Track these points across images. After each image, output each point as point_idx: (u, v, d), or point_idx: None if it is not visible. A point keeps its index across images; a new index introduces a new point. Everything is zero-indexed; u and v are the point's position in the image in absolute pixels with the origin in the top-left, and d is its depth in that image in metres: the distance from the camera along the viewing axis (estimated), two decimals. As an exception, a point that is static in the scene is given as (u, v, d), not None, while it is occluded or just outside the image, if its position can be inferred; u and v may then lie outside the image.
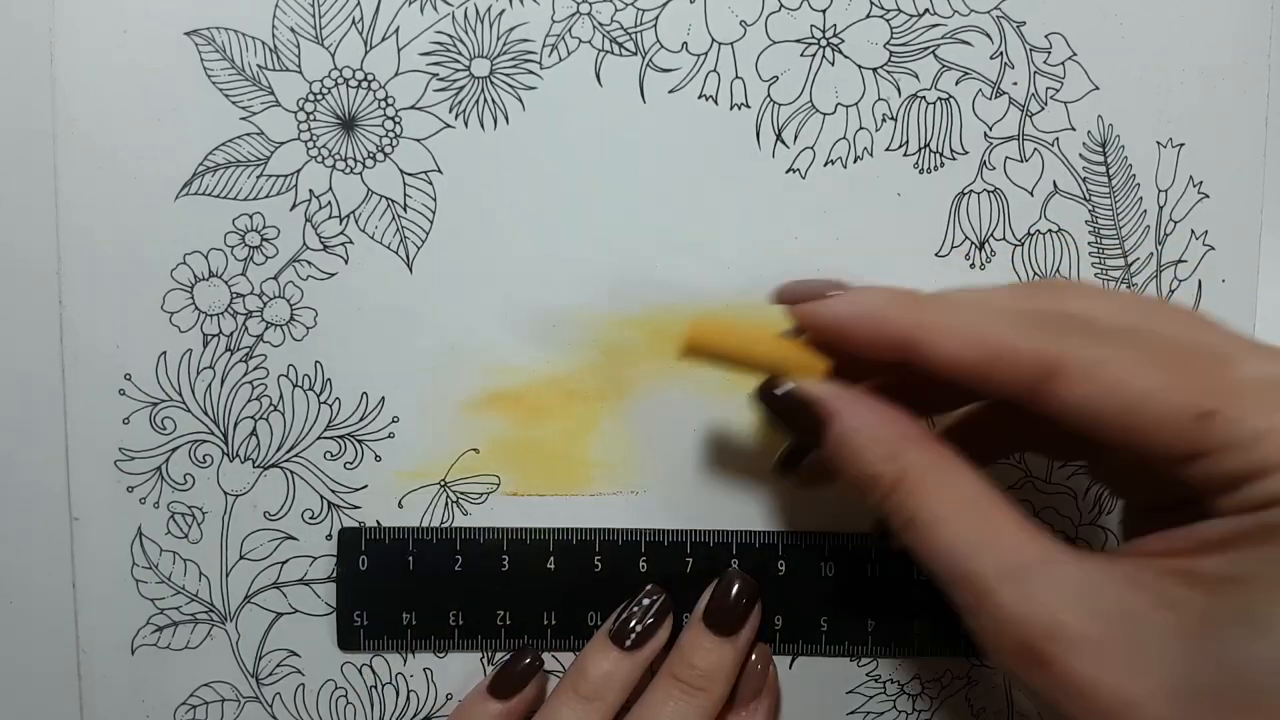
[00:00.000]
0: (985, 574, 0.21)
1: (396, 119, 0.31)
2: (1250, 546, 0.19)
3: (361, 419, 0.31)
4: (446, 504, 0.31)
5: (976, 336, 0.22)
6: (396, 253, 0.31)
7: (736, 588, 0.30)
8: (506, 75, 0.31)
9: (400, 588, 0.31)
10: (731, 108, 0.31)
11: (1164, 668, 0.19)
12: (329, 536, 0.31)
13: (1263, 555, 0.19)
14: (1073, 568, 0.20)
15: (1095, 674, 0.19)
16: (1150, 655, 0.19)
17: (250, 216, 0.31)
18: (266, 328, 0.31)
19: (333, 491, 0.31)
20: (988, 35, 0.31)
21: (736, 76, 0.31)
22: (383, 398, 0.31)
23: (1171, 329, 0.21)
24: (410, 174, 0.31)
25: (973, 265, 0.31)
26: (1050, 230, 0.31)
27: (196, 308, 0.31)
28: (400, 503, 0.31)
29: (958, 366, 0.22)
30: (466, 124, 0.31)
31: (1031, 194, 0.31)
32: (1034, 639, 0.20)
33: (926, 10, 0.31)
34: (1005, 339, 0.22)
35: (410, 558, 0.31)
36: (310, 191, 0.31)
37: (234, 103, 0.30)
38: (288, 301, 0.31)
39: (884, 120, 0.31)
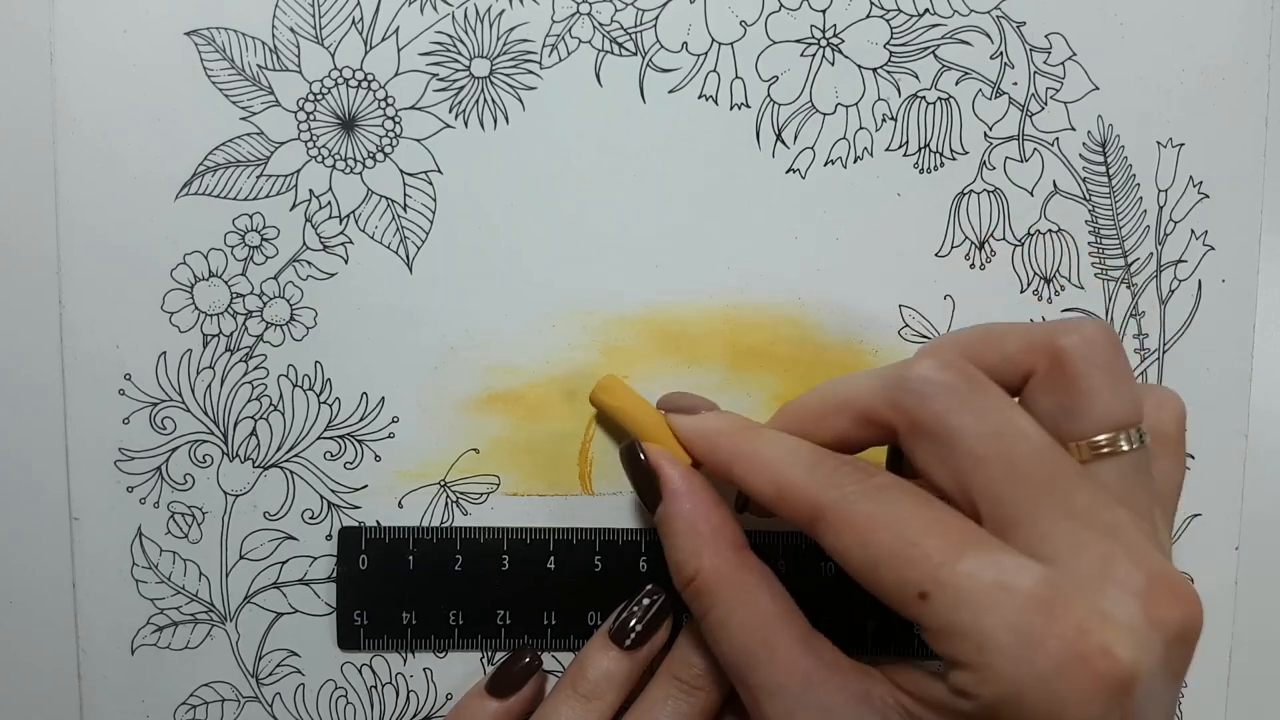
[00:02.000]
0: (756, 686, 0.24)
1: (396, 119, 0.31)
2: None
3: (361, 419, 0.32)
4: (446, 504, 0.32)
5: (772, 474, 0.25)
6: (396, 253, 0.31)
7: (736, 588, 0.30)
8: (506, 75, 0.31)
9: (400, 587, 0.31)
10: (731, 108, 0.31)
11: None
12: (329, 536, 0.32)
13: None
14: (823, 694, 0.24)
15: None
16: None
17: (250, 216, 0.31)
18: (266, 328, 0.31)
19: (333, 491, 0.32)
20: (988, 35, 0.31)
21: (736, 76, 0.31)
22: (383, 398, 0.32)
23: (984, 474, 0.22)
24: (410, 174, 0.31)
25: (973, 265, 0.32)
26: (1050, 230, 0.32)
27: (196, 308, 0.31)
28: (400, 503, 0.32)
29: (759, 497, 0.25)
30: (466, 124, 0.31)
31: (1031, 194, 0.32)
32: None
33: (926, 10, 0.31)
34: (789, 481, 0.24)
35: (410, 557, 0.31)
36: (310, 191, 0.31)
37: (234, 103, 0.31)
38: (288, 301, 0.31)
39: (884, 120, 0.32)
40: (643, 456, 0.28)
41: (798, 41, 0.31)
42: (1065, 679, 0.20)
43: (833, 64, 0.31)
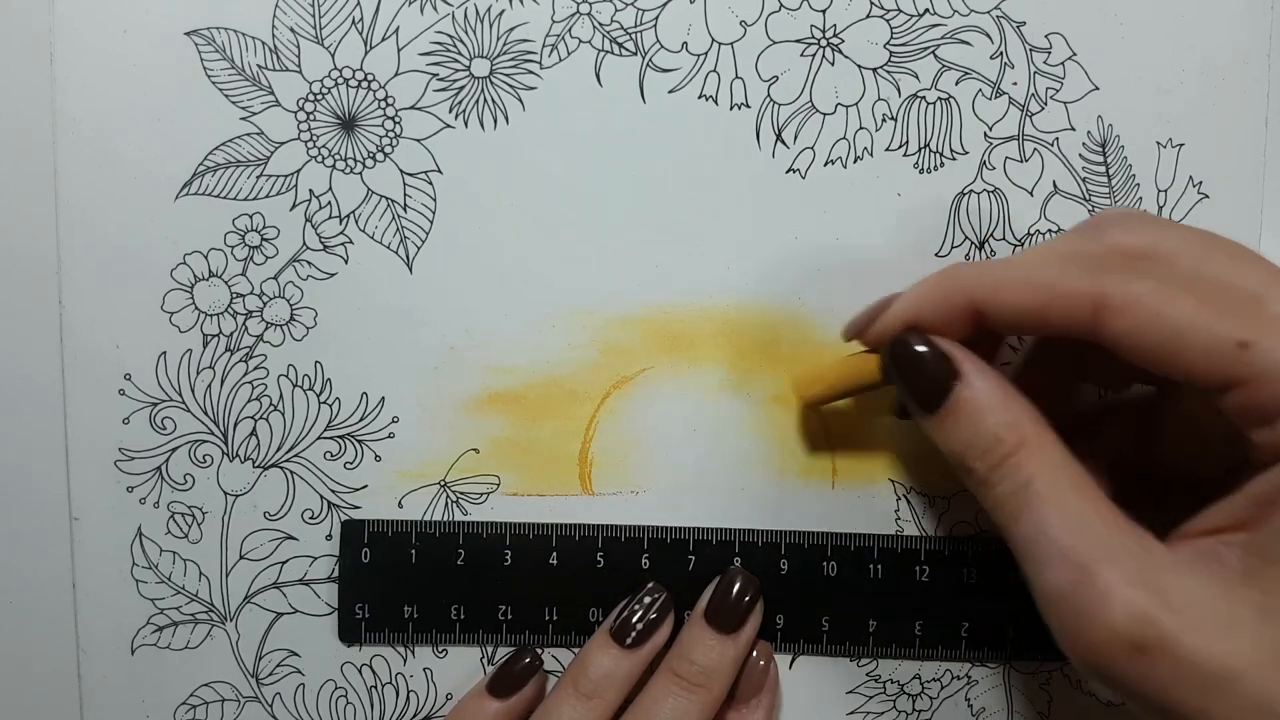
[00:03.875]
0: (1087, 552, 0.23)
1: (396, 119, 0.32)
2: None
3: (361, 419, 0.33)
4: (446, 504, 0.33)
5: (1030, 283, 0.25)
6: (396, 253, 0.33)
7: (738, 585, 0.32)
8: (506, 75, 0.32)
9: (402, 581, 0.33)
10: (731, 108, 0.33)
11: (1258, 639, 0.21)
12: (329, 536, 0.33)
13: None
14: (1166, 554, 0.23)
15: (1199, 648, 0.21)
16: (1245, 629, 0.21)
17: (250, 216, 0.32)
18: (266, 328, 0.33)
19: (333, 491, 0.33)
20: (988, 35, 0.33)
21: (736, 76, 0.33)
22: (383, 398, 0.33)
23: (1219, 262, 0.24)
24: (410, 174, 0.32)
25: (973, 265, 0.33)
26: (1050, 230, 0.33)
27: (196, 308, 0.32)
28: (400, 503, 0.33)
29: (1019, 313, 0.25)
30: (466, 124, 0.32)
31: (1031, 194, 0.33)
32: (1134, 620, 0.22)
33: (926, 10, 0.33)
34: (1055, 281, 0.24)
35: (413, 551, 0.33)
36: (310, 191, 0.32)
37: (234, 103, 0.32)
38: (288, 301, 0.33)
39: (884, 120, 0.33)
40: (920, 346, 0.26)
41: (798, 41, 0.33)
42: None
43: (833, 64, 0.33)
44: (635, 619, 0.31)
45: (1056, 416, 0.26)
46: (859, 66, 0.33)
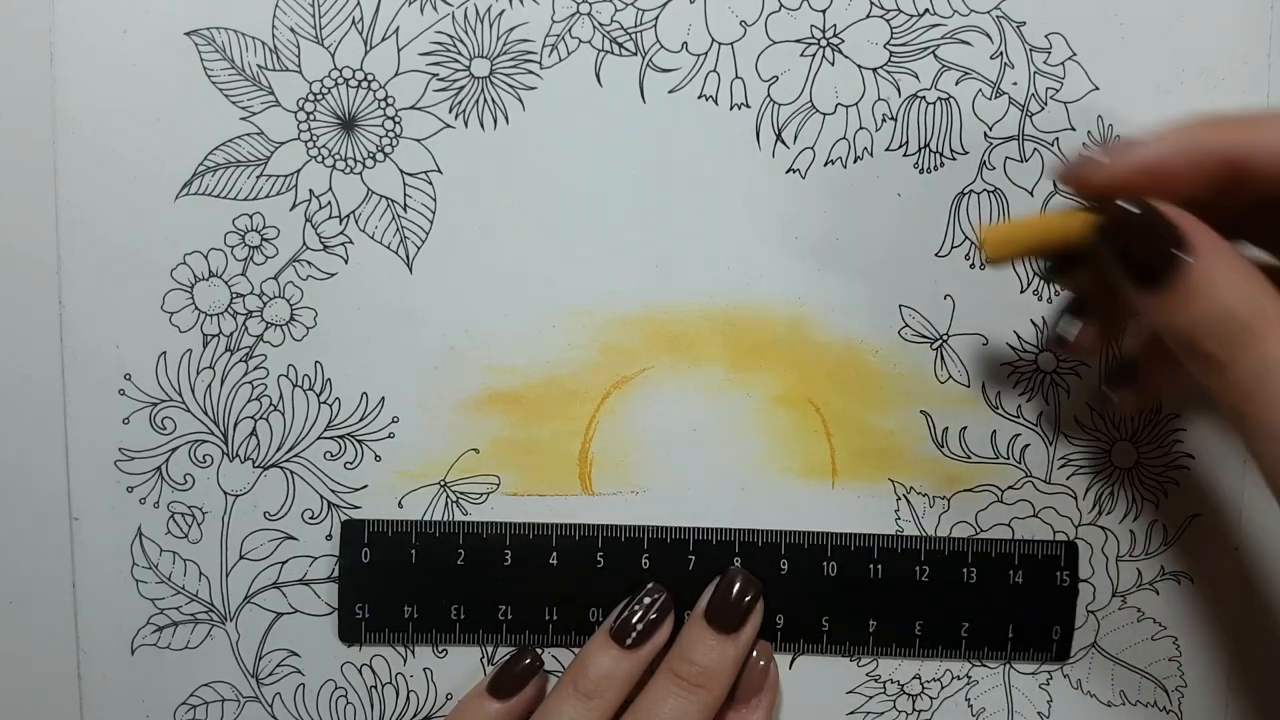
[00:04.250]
0: None
1: (396, 119, 0.32)
2: None
3: (361, 419, 0.33)
4: (446, 504, 0.33)
5: None
6: (396, 253, 0.33)
7: (738, 585, 0.32)
8: (506, 75, 0.33)
9: (402, 581, 0.33)
10: (731, 108, 0.33)
11: None
12: (329, 536, 0.33)
13: None
14: None
15: None
16: None
17: (250, 216, 0.32)
18: (266, 328, 0.33)
19: (333, 491, 0.33)
20: (988, 35, 0.33)
21: (736, 76, 0.33)
22: (383, 398, 0.33)
23: None
24: (410, 174, 0.33)
25: (973, 265, 0.33)
26: (1050, 230, 0.33)
27: (196, 308, 0.33)
28: (400, 503, 0.33)
29: None
30: (466, 124, 0.33)
31: (1031, 194, 0.33)
32: None
33: (926, 10, 0.33)
34: None
35: (413, 551, 0.33)
36: (310, 191, 0.33)
37: (234, 103, 0.32)
38: (288, 301, 0.33)
39: (884, 120, 0.33)
40: (1144, 209, 0.23)
41: (798, 41, 0.33)
42: None
43: (833, 64, 0.33)
44: (635, 619, 0.31)
45: None
46: (859, 66, 0.33)
